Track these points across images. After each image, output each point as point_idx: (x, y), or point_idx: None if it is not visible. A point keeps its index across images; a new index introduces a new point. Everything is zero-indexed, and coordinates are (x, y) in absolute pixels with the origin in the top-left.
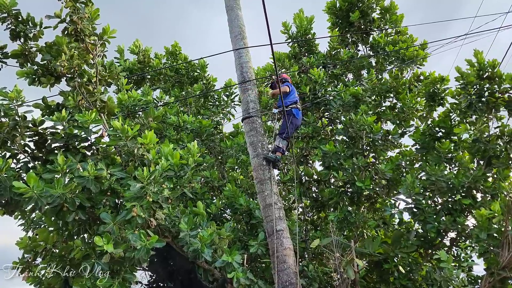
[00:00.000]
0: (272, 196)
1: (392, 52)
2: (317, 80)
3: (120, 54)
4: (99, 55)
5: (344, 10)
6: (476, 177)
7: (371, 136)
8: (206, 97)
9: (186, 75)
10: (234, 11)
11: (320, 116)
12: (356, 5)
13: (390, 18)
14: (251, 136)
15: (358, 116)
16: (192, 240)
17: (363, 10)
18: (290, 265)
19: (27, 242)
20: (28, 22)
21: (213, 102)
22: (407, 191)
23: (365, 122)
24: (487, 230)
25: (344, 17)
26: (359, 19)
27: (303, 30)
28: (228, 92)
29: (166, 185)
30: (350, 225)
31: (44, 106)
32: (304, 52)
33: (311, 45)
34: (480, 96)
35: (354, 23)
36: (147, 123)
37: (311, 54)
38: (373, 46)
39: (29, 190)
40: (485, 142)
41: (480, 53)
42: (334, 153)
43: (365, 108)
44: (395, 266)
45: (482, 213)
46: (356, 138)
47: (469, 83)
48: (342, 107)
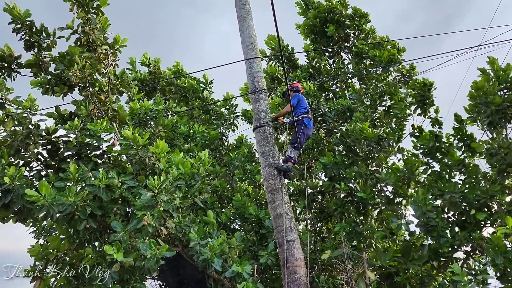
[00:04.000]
0: (283, 206)
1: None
2: (309, 92)
3: (132, 66)
4: (111, 64)
5: (318, 26)
6: (492, 192)
7: (368, 143)
8: (208, 112)
9: (191, 90)
10: (246, 21)
11: (317, 127)
12: (329, 18)
13: (360, 21)
14: (262, 145)
15: (353, 124)
16: (202, 249)
17: (339, 20)
18: (301, 276)
19: (39, 249)
20: (42, 32)
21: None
22: (419, 208)
23: (360, 130)
24: (503, 253)
25: (320, 32)
26: (336, 30)
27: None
28: (228, 105)
29: (177, 194)
30: (358, 235)
31: (57, 115)
32: (288, 69)
33: (292, 61)
34: (501, 111)
35: (333, 36)
36: (157, 132)
37: (295, 69)
38: (357, 54)
39: (41, 198)
40: (504, 154)
41: (496, 60)
42: (334, 163)
43: (359, 115)
44: (406, 279)
45: (498, 234)
46: (355, 147)
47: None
48: (338, 117)
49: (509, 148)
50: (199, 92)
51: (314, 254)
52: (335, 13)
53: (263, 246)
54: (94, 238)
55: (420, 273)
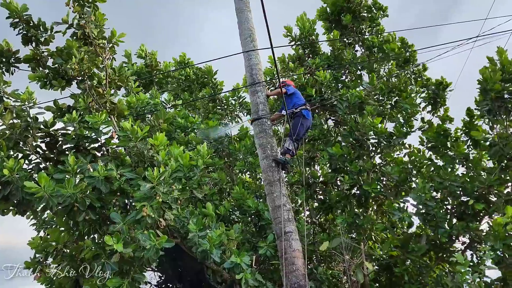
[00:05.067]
0: (281, 198)
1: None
2: (323, 82)
3: (128, 58)
4: (109, 58)
5: (335, 14)
6: (490, 182)
7: (377, 137)
8: (214, 101)
9: (196, 81)
10: (244, 14)
11: (326, 118)
12: (345, 7)
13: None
14: (261, 137)
15: (364, 118)
16: (201, 241)
17: (354, 11)
18: (299, 267)
19: (39, 242)
20: (39, 27)
21: (222, 106)
22: (418, 197)
23: (371, 124)
24: (502, 240)
25: (336, 21)
26: (352, 21)
27: (306, 32)
28: (236, 96)
29: (175, 186)
30: (358, 227)
31: (55, 109)
32: (308, 54)
33: (314, 47)
34: (501, 99)
35: (348, 26)
36: (157, 125)
37: (315, 56)
38: (369, 47)
39: (40, 190)
40: (503, 145)
41: (504, 51)
42: (341, 155)
43: (370, 109)
44: (405, 270)
45: (499, 221)
46: (362, 140)
47: (491, 90)
48: (348, 109)
49: (507, 139)
50: (210, 79)
51: (313, 246)
52: (352, 2)
53: (262, 238)
54: (94, 230)
55: (418, 263)
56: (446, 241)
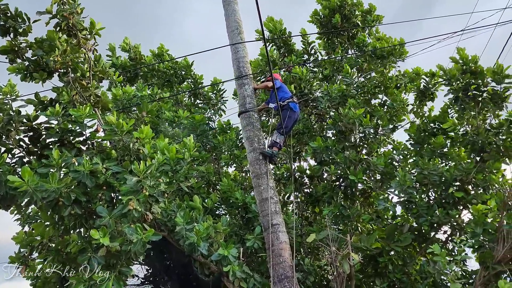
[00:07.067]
0: (268, 190)
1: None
2: (301, 77)
3: (112, 52)
4: (91, 49)
5: (327, 17)
6: (468, 170)
7: (362, 129)
8: (196, 95)
9: (174, 75)
10: (231, 6)
11: (309, 112)
12: (337, 11)
13: (372, 19)
14: (248, 130)
15: (346, 109)
16: (188, 234)
17: (346, 14)
18: (286, 259)
19: (23, 236)
20: (17, 17)
21: (202, 100)
22: (399, 185)
23: (354, 116)
24: (482, 225)
25: (329, 23)
26: (342, 22)
27: (278, 32)
28: (216, 89)
29: (162, 179)
30: (345, 219)
31: (37, 102)
32: (284, 53)
33: (289, 45)
34: (466, 90)
35: (338, 27)
36: (141, 117)
37: (290, 54)
38: (358, 46)
39: (24, 184)
40: (474, 135)
41: (463, 50)
42: (325, 148)
43: (353, 102)
44: (389, 260)
45: (478, 208)
46: (347, 132)
47: (452, 77)
48: (330, 103)
49: (477, 129)
50: (189, 73)
51: (301, 238)
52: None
53: (250, 230)
54: (79, 224)
55: (402, 254)
56: (429, 229)
